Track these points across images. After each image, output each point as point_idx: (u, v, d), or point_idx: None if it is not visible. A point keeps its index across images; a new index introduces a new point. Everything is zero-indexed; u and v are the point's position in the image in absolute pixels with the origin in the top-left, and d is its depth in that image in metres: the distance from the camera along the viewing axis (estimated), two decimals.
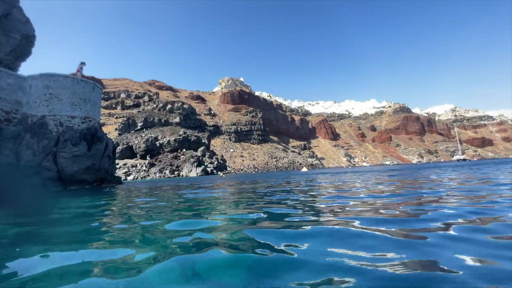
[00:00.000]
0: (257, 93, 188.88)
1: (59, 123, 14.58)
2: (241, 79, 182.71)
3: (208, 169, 55.48)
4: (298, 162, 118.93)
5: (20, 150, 12.98)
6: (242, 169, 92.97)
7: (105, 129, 76.20)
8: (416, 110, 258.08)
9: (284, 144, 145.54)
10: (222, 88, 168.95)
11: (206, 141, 71.91)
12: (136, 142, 62.09)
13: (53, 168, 13.57)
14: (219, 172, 53.84)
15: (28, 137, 13.37)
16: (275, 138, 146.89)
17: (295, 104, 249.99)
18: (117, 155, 55.75)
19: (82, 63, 17.09)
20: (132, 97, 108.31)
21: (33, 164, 13.01)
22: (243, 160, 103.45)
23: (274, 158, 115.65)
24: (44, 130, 13.96)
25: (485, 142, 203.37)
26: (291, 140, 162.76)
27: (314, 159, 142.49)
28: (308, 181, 11.51)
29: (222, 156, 76.79)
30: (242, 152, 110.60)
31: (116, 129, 76.23)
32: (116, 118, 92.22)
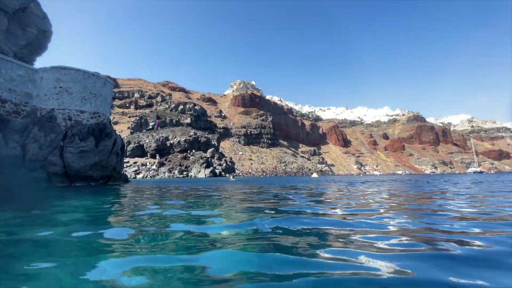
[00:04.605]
0: (268, 97, 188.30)
1: (68, 117, 14.22)
2: (253, 82, 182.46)
3: (217, 171, 54.97)
4: (307, 167, 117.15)
5: (27, 143, 12.63)
6: (250, 172, 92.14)
7: (117, 128, 77.20)
8: (430, 120, 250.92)
9: (293, 149, 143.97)
10: (233, 91, 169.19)
11: (215, 142, 71.61)
12: (147, 141, 62.36)
13: (59, 163, 13.15)
14: (227, 175, 53.23)
15: (36, 130, 13.03)
16: (285, 143, 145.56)
17: (306, 109, 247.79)
18: (128, 153, 56.12)
19: (159, 118, 17.14)
20: (145, 97, 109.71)
21: (39, 158, 12.63)
22: (251, 164, 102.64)
23: (283, 162, 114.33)
24: (52, 124, 13.60)
25: (502, 155, 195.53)
26: (300, 145, 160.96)
27: (324, 165, 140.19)
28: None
29: (231, 159, 76.19)
30: (251, 155, 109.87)
31: (128, 127, 77.04)
32: (129, 117, 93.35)
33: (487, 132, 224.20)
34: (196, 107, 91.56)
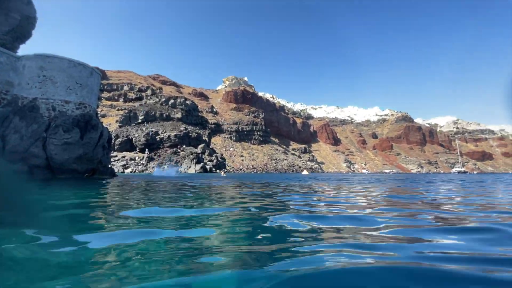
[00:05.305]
0: (260, 94, 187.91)
1: (51, 107, 13.64)
2: (245, 78, 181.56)
3: (207, 167, 54.56)
4: (297, 165, 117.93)
5: (6, 134, 12.04)
6: (241, 169, 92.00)
7: (106, 121, 75.42)
8: (418, 120, 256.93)
9: (284, 146, 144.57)
10: (225, 87, 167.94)
11: (206, 138, 70.98)
12: (136, 135, 61.12)
13: (41, 155, 12.62)
14: (218, 171, 52.97)
15: (17, 120, 12.44)
16: (276, 140, 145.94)
17: (298, 107, 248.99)
18: (116, 147, 54.93)
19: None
20: (135, 90, 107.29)
21: (20, 150, 12.07)
22: (242, 160, 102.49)
23: (274, 159, 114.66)
24: (35, 114, 13.02)
25: (485, 156, 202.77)
26: (291, 142, 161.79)
27: (314, 163, 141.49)
28: None
29: (222, 155, 75.78)
30: (242, 152, 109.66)
31: (117, 121, 75.31)
32: (118, 110, 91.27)
33: (471, 134, 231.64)
34: (187, 102, 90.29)
